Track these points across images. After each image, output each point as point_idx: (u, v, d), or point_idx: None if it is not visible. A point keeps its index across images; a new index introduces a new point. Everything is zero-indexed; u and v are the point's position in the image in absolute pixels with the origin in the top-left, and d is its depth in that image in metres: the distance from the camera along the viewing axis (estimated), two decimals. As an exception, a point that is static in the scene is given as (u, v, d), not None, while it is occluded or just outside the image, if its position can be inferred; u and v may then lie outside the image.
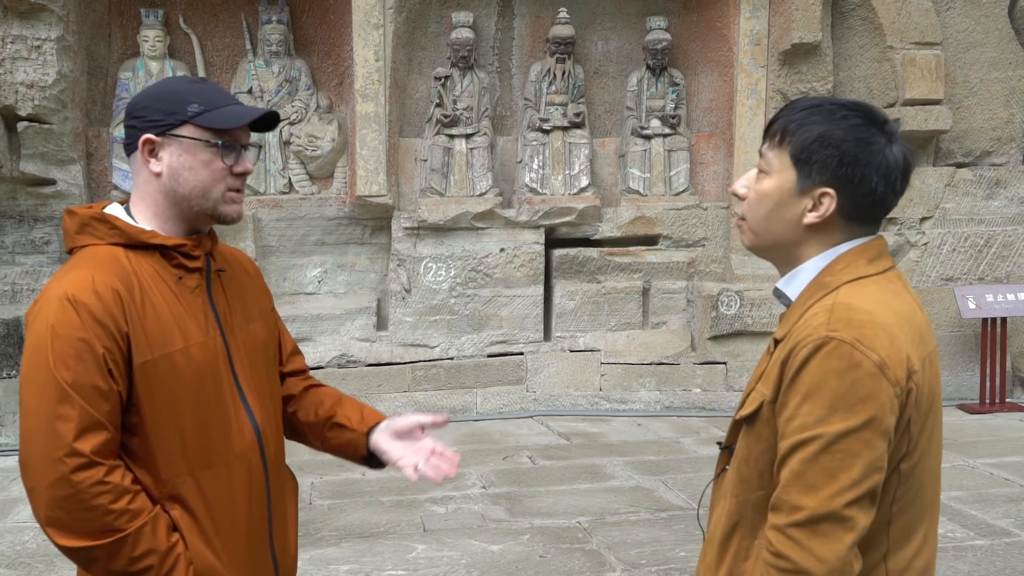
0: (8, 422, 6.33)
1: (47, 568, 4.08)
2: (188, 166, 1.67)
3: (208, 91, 1.71)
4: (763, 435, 1.44)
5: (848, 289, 1.43)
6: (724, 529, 1.51)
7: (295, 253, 7.22)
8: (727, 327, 7.12)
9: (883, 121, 1.46)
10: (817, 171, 1.44)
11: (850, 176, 1.43)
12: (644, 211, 7.32)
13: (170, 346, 1.63)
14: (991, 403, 7.04)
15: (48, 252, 6.78)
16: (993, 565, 3.97)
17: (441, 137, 7.16)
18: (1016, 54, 7.54)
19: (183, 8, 7.07)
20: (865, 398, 1.33)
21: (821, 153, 1.44)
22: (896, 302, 1.43)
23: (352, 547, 4.30)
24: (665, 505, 4.85)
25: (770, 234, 1.51)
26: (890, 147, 1.44)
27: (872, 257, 1.47)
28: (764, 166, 1.51)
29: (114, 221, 1.68)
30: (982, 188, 7.46)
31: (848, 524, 1.32)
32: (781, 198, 1.48)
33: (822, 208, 1.45)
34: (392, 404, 7.00)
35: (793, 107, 1.50)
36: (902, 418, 1.37)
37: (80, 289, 1.57)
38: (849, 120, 1.44)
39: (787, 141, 1.47)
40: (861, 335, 1.35)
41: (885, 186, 1.44)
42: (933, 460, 1.47)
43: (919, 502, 1.45)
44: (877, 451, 1.34)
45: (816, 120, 1.45)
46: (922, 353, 1.41)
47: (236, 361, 1.76)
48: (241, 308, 1.83)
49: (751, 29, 7.10)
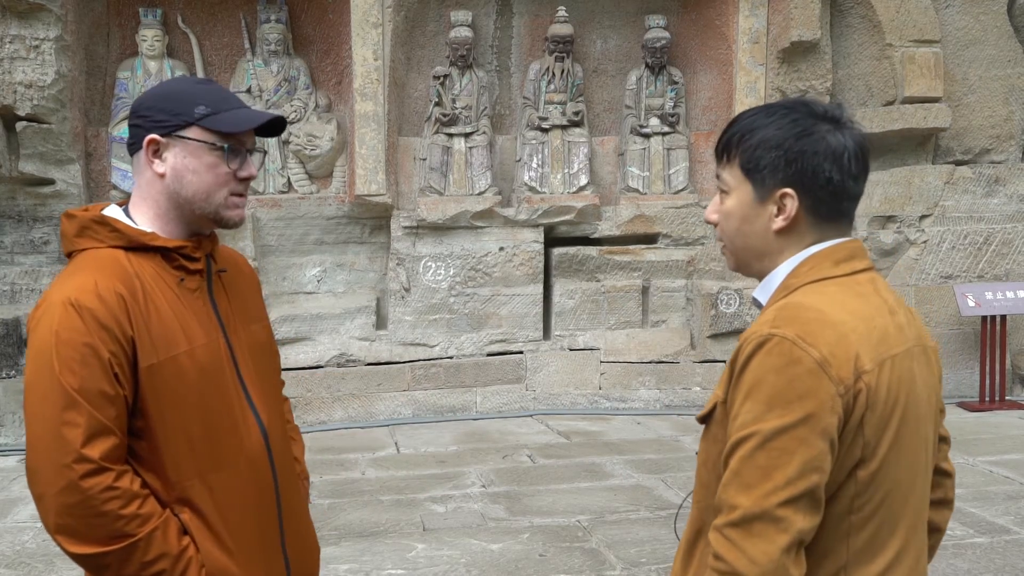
0: (7, 422, 6.32)
1: (47, 568, 4.08)
2: (192, 168, 1.67)
3: (215, 93, 1.70)
4: (718, 437, 1.42)
5: (805, 289, 1.40)
6: (688, 537, 1.49)
7: (294, 252, 7.22)
8: (726, 325, 7.12)
9: (823, 111, 1.44)
10: (769, 175, 1.43)
11: (801, 171, 1.41)
12: (643, 210, 7.32)
13: (175, 349, 1.63)
14: (991, 401, 7.05)
15: (47, 252, 6.78)
16: (993, 563, 3.97)
17: (440, 136, 7.16)
18: (1015, 52, 7.53)
19: (182, 7, 7.07)
20: (803, 395, 1.29)
21: (767, 157, 1.42)
22: (855, 303, 1.39)
23: (352, 546, 4.30)
24: (665, 503, 4.85)
25: (746, 251, 1.50)
26: (833, 132, 1.42)
27: (840, 259, 1.44)
28: (723, 186, 1.50)
29: (114, 224, 1.67)
30: (981, 186, 7.45)
31: (782, 524, 1.27)
32: (745, 212, 1.47)
33: (787, 210, 1.43)
34: (392, 403, 7.00)
35: (735, 120, 1.49)
36: (851, 420, 1.32)
37: (83, 293, 1.56)
38: (787, 117, 1.43)
39: (734, 155, 1.47)
40: (804, 332, 1.32)
41: (839, 172, 1.41)
42: (904, 470, 1.40)
43: (885, 515, 1.38)
44: (814, 450, 1.29)
45: (755, 127, 1.44)
46: (881, 354, 1.36)
47: (240, 362, 1.75)
48: (242, 309, 1.83)
49: (750, 27, 7.10)
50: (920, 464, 1.44)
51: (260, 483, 1.74)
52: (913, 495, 1.43)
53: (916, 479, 1.43)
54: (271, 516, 1.76)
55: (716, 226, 1.54)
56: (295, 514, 1.84)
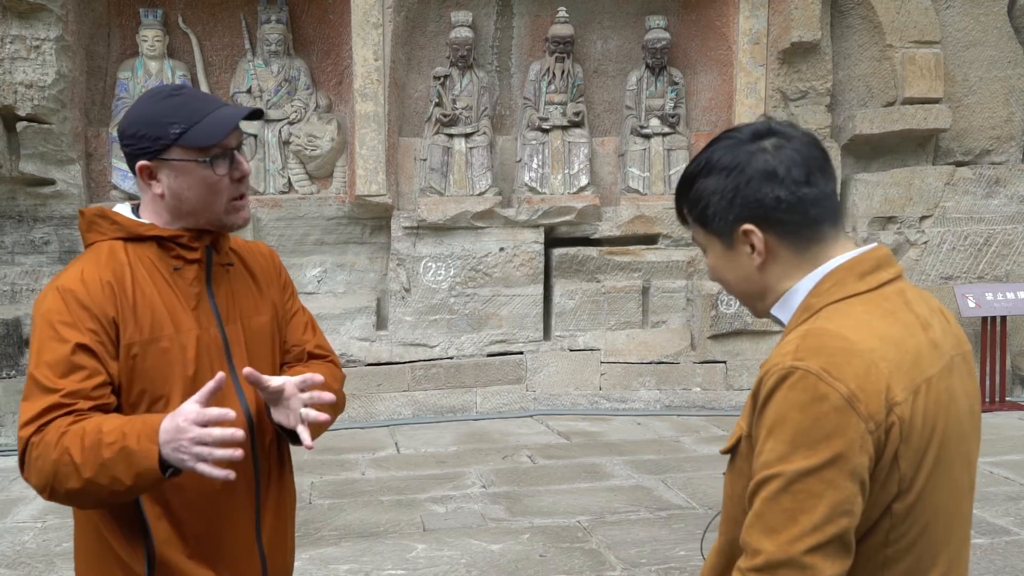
0: (8, 422, 6.32)
1: (47, 568, 4.08)
2: (187, 185, 1.71)
3: (185, 105, 1.70)
4: (743, 471, 1.35)
5: (829, 312, 1.32)
6: (713, 566, 1.45)
7: (294, 253, 7.22)
8: (727, 326, 7.12)
9: (751, 132, 1.39)
10: (721, 221, 1.39)
11: (747, 203, 1.36)
12: (643, 210, 7.32)
13: (159, 332, 1.69)
14: (991, 402, 7.04)
15: (48, 252, 6.78)
16: (993, 564, 3.97)
17: (440, 136, 7.16)
18: (1015, 52, 7.54)
19: (182, 8, 7.07)
20: (830, 434, 1.22)
21: (713, 205, 1.39)
22: (884, 324, 1.30)
23: (352, 547, 4.30)
24: (665, 504, 4.85)
25: (748, 296, 1.46)
26: (759, 153, 1.36)
27: (865, 271, 1.35)
28: (699, 245, 1.49)
29: (114, 217, 1.75)
30: (982, 187, 7.45)
31: (808, 573, 1.20)
32: (726, 263, 1.44)
33: (758, 244, 1.37)
34: (392, 404, 7.00)
35: (681, 180, 1.47)
36: (883, 456, 1.25)
37: (71, 280, 1.68)
38: (714, 156, 1.39)
39: (691, 215, 1.45)
40: (830, 364, 1.24)
41: (782, 187, 1.34)
42: (946, 494, 1.32)
43: (925, 545, 1.31)
44: (843, 492, 1.21)
45: (694, 182, 1.42)
46: (915, 380, 1.28)
47: (235, 354, 1.78)
48: (247, 302, 1.85)
49: (750, 28, 7.10)
50: (963, 484, 1.37)
51: (240, 475, 1.72)
52: (957, 518, 1.36)
53: (960, 501, 1.36)
54: (248, 510, 1.78)
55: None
56: (275, 510, 1.85)
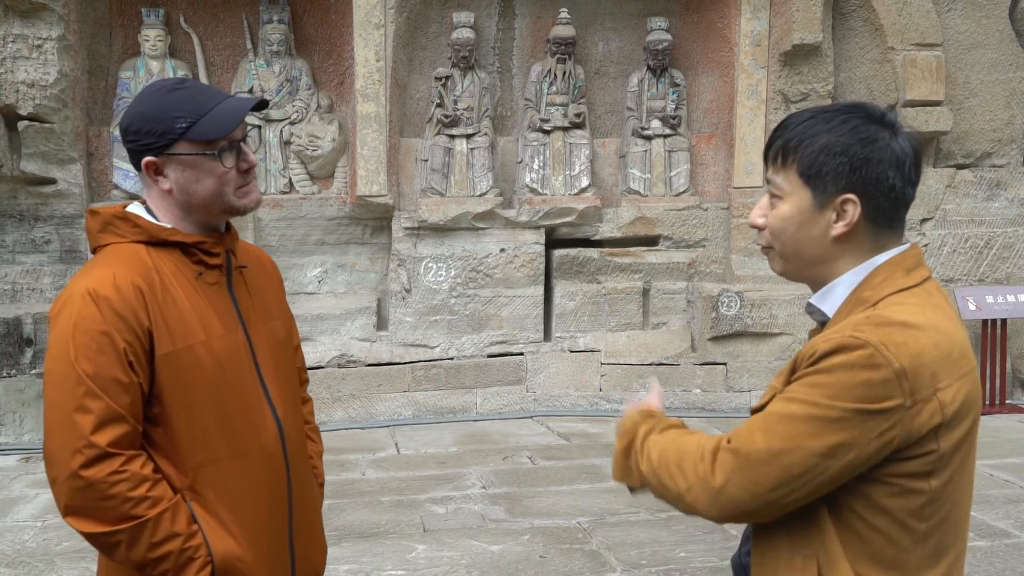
0: (8, 422, 6.32)
1: (47, 568, 4.08)
2: (195, 179, 1.70)
3: (190, 98, 1.69)
4: None
5: (887, 302, 1.37)
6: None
7: (295, 253, 7.22)
8: (727, 328, 7.12)
9: (880, 115, 1.43)
10: (831, 182, 1.40)
11: (866, 178, 1.39)
12: (644, 212, 7.32)
13: (191, 338, 1.66)
14: (991, 405, 7.04)
15: (48, 251, 6.78)
16: (993, 566, 3.97)
17: (442, 137, 7.16)
18: (1017, 55, 7.54)
19: (184, 8, 7.07)
20: (872, 399, 1.28)
21: (830, 164, 1.39)
22: (935, 316, 1.37)
23: (352, 547, 4.30)
24: (665, 505, 4.83)
25: (801, 257, 1.46)
26: (895, 139, 1.41)
27: (910, 267, 1.42)
28: (775, 191, 1.46)
29: (136, 219, 1.72)
30: (982, 189, 7.46)
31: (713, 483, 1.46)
32: (802, 219, 1.43)
33: (848, 216, 1.40)
34: (392, 404, 7.00)
35: (787, 124, 1.45)
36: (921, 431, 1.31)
37: (102, 285, 1.61)
38: (849, 123, 1.40)
39: (791, 160, 1.43)
40: (888, 340, 1.30)
41: (902, 179, 1.40)
42: (965, 485, 1.41)
43: (951, 523, 1.39)
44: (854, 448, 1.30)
45: (815, 133, 1.41)
46: (961, 369, 1.35)
47: (260, 357, 1.78)
48: (263, 305, 1.86)
49: (752, 30, 7.10)
50: (972, 480, 1.45)
51: (272, 476, 1.75)
52: (967, 512, 1.45)
53: (970, 497, 1.45)
54: (281, 510, 1.78)
55: (761, 230, 1.51)
56: (305, 511, 1.86)
